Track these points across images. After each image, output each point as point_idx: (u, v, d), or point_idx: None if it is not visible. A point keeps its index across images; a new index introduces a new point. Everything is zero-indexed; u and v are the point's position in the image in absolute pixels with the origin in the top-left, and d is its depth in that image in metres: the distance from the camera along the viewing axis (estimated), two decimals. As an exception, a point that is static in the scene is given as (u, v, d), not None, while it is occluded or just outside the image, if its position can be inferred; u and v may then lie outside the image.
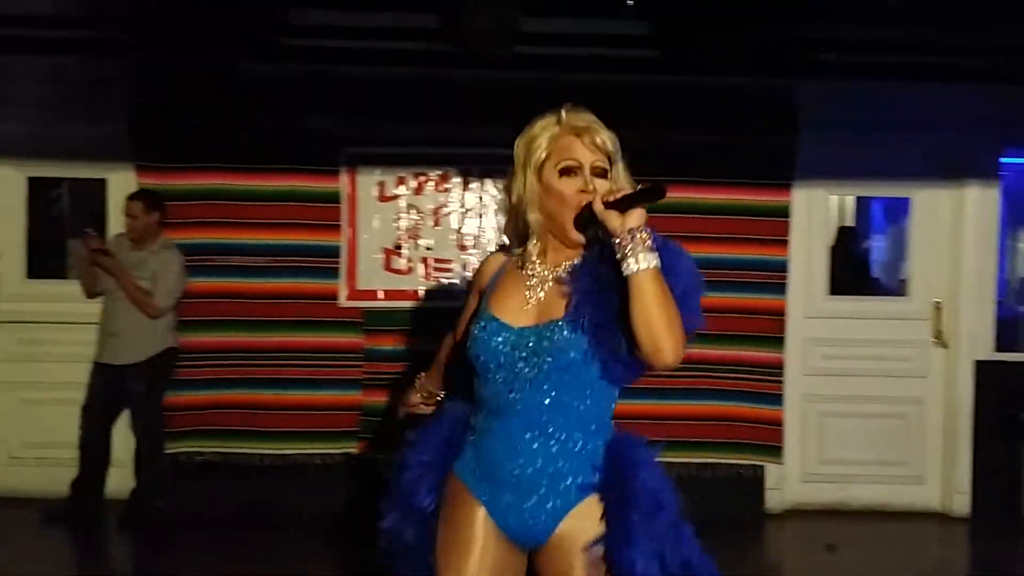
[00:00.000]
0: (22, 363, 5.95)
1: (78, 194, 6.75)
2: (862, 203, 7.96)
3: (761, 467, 6.01)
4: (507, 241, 2.42)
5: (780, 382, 5.96)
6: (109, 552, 5.53)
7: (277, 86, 5.65)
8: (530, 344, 2.22)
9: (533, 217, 2.26)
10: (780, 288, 5.94)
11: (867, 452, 6.17)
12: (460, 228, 5.92)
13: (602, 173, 2.22)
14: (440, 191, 5.91)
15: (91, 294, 5.58)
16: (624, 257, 2.06)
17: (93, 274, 5.50)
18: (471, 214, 5.93)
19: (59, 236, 6.51)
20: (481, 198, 5.92)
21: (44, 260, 6.28)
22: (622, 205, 2.08)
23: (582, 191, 2.20)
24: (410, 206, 5.90)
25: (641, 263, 2.04)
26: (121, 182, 5.83)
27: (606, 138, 2.23)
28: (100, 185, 6.04)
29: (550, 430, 2.21)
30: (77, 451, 5.57)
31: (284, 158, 5.75)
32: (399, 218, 5.89)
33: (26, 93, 5.75)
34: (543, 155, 2.24)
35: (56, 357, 5.89)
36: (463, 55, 5.29)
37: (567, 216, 2.22)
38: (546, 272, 2.28)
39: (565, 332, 2.18)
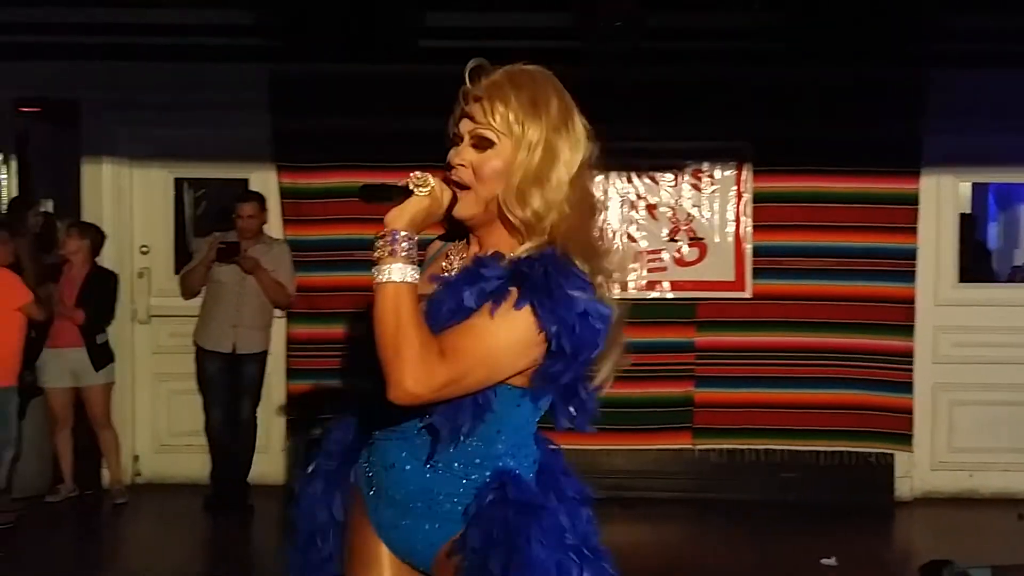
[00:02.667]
0: (171, 355, 6.22)
1: (214, 193, 7.06)
2: (978, 191, 7.85)
3: (891, 455, 6.02)
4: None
5: (910, 370, 5.97)
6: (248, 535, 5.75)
7: (414, 87, 5.82)
8: None
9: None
10: (909, 276, 5.94)
11: (997, 440, 6.12)
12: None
13: (480, 143, 1.79)
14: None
15: (194, 294, 5.78)
16: (376, 261, 1.71)
17: (207, 275, 5.67)
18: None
19: (200, 234, 6.78)
20: (606, 192, 6.02)
21: (187, 257, 6.56)
22: (369, 194, 1.74)
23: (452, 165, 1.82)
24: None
25: (389, 274, 1.69)
26: (261, 181, 6.08)
27: (496, 106, 1.78)
28: (233, 185, 6.32)
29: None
30: (208, 442, 5.84)
31: (419, 157, 5.88)
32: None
33: (173, 98, 6.02)
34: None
35: (202, 350, 6.14)
36: (593, 52, 5.39)
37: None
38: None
39: None
